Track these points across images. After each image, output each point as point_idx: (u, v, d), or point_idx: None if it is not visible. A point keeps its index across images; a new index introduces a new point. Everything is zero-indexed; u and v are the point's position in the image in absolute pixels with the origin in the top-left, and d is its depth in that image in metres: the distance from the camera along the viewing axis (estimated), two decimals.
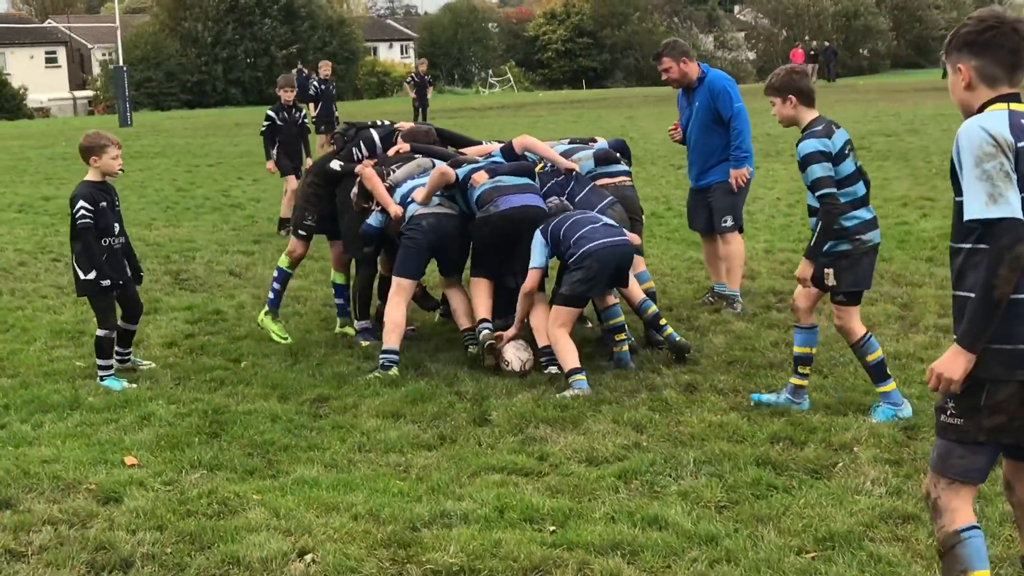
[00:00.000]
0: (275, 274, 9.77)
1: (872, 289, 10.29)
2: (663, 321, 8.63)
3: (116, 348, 8.50)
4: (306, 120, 15.97)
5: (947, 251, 11.78)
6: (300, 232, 9.68)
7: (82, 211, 8.17)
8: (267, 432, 7.09)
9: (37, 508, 5.97)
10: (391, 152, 9.41)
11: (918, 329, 8.96)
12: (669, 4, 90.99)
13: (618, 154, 9.38)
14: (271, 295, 9.70)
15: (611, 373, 8.11)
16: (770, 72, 7.39)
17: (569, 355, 7.93)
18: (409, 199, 8.77)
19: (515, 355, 8.21)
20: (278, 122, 15.49)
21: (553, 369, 8.28)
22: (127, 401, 7.82)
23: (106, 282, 8.25)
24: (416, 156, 9.34)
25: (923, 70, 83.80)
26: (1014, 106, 4.00)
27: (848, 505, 5.57)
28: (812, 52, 61.95)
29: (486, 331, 8.37)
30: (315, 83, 23.79)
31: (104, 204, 8.30)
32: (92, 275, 8.23)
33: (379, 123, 10.00)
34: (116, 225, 8.41)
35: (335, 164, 9.49)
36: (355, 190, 9.28)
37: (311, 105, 23.73)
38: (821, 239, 6.83)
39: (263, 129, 15.64)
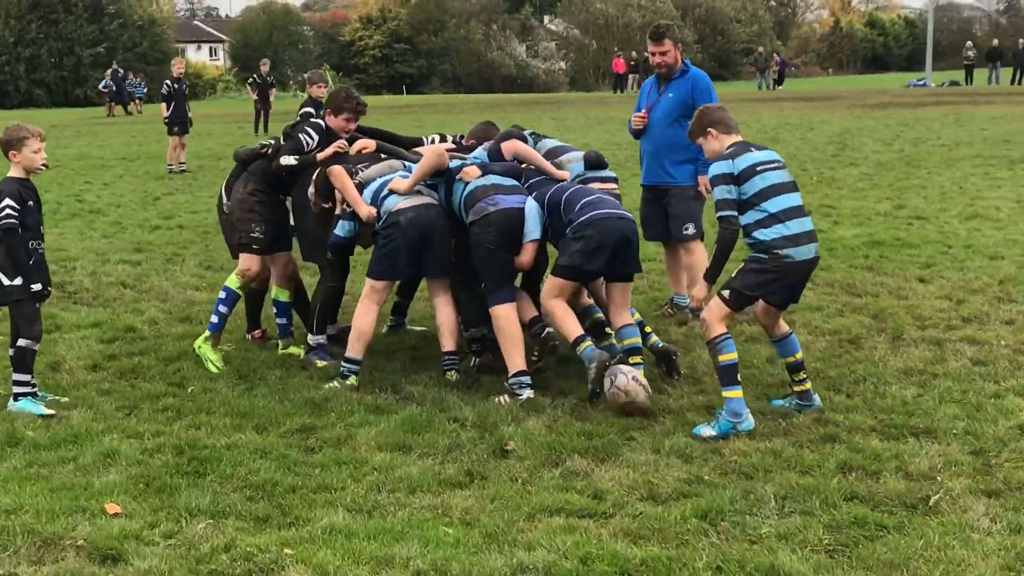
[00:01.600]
0: (221, 295, 8.59)
1: (832, 298, 9.96)
2: (648, 329, 8.00)
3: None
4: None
5: (882, 259, 11.66)
6: (254, 247, 8.54)
7: (7, 210, 7.17)
8: (262, 470, 6.15)
9: (23, 572, 4.94)
10: (353, 150, 8.44)
11: (906, 342, 8.52)
12: (485, 12, 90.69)
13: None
14: (215, 319, 8.50)
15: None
16: (582, 82, 7.10)
17: (569, 324, 7.28)
18: (384, 193, 7.88)
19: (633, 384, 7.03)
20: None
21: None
22: (76, 436, 6.74)
23: (36, 286, 7.31)
24: (382, 156, 8.45)
25: (726, 82, 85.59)
26: None
27: (977, 547, 5.00)
28: (633, 63, 62.46)
29: (527, 394, 7.27)
30: (168, 82, 22.40)
31: (31, 203, 7.30)
32: (18, 280, 7.20)
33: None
34: (41, 227, 7.43)
35: (288, 160, 8.32)
36: (311, 189, 8.32)
37: (163, 105, 22.37)
38: (718, 261, 6.76)
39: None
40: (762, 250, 6.63)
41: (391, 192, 7.81)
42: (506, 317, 7.45)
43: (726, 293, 6.70)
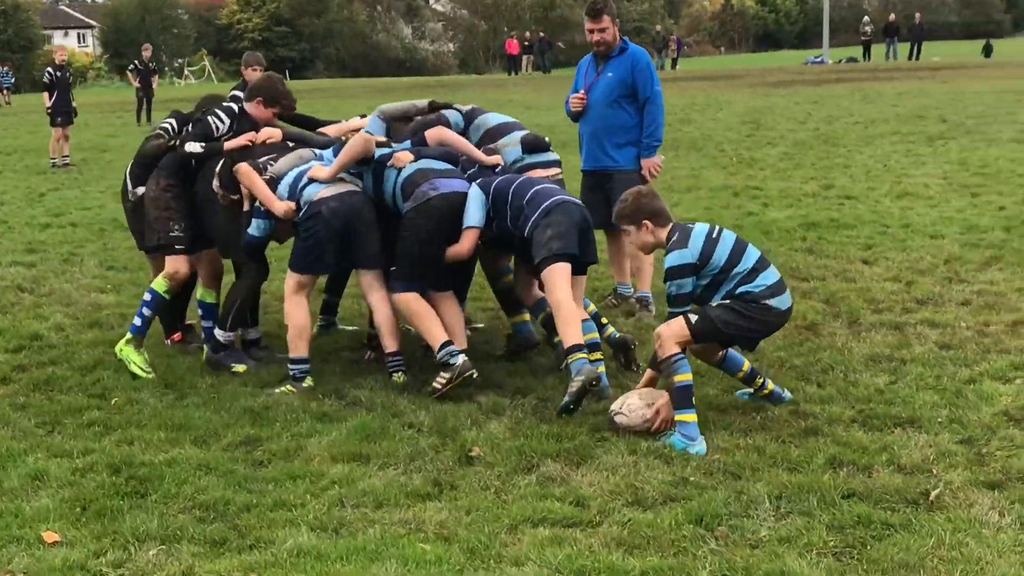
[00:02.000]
0: (146, 297, 8.17)
1: None
2: (604, 320, 7.84)
3: None
4: None
5: (821, 241, 11.64)
6: (176, 247, 8.12)
7: None
8: (209, 488, 5.82)
9: None
10: (259, 139, 8.07)
11: (864, 327, 8.45)
12: None
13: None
14: (137, 321, 8.10)
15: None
16: (473, 64, 6.82)
17: (571, 329, 6.85)
18: (303, 183, 7.54)
19: (637, 407, 6.53)
20: None
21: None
22: None
23: None
24: (290, 144, 8.11)
25: None
26: None
27: (992, 544, 4.89)
28: (527, 43, 62.43)
29: (462, 359, 7.11)
30: (49, 70, 21.66)
31: None
32: None
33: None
34: None
35: (193, 146, 7.90)
36: (216, 182, 7.95)
37: (46, 95, 21.62)
38: None
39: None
40: (750, 299, 6.37)
41: (311, 180, 7.49)
42: (413, 300, 7.31)
43: (695, 319, 6.40)
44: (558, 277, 6.94)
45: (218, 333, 8.06)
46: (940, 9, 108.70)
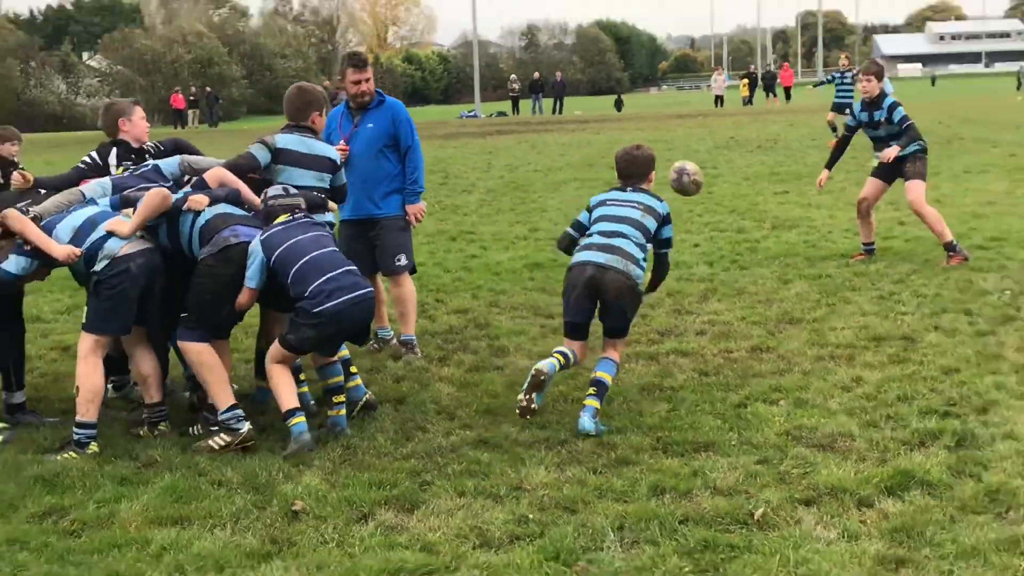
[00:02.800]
0: None
1: (527, 321, 9.94)
2: (353, 369, 7.57)
3: None
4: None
5: (549, 280, 11.77)
6: None
7: None
8: (30, 564, 5.23)
9: None
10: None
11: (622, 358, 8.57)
12: (22, 49, 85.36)
13: (324, 197, 7.91)
14: None
15: (386, 436, 6.93)
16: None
17: (286, 394, 6.79)
18: (100, 235, 6.89)
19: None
20: None
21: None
22: None
23: None
24: (40, 192, 7.46)
25: (279, 116, 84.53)
26: None
27: (834, 557, 4.95)
28: (192, 98, 60.75)
29: (247, 427, 6.80)
30: None
31: None
32: None
33: None
34: None
35: None
36: None
37: None
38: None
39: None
40: None
41: (109, 234, 6.91)
42: (206, 351, 6.93)
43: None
44: (284, 356, 6.88)
45: None
46: (568, 67, 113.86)
